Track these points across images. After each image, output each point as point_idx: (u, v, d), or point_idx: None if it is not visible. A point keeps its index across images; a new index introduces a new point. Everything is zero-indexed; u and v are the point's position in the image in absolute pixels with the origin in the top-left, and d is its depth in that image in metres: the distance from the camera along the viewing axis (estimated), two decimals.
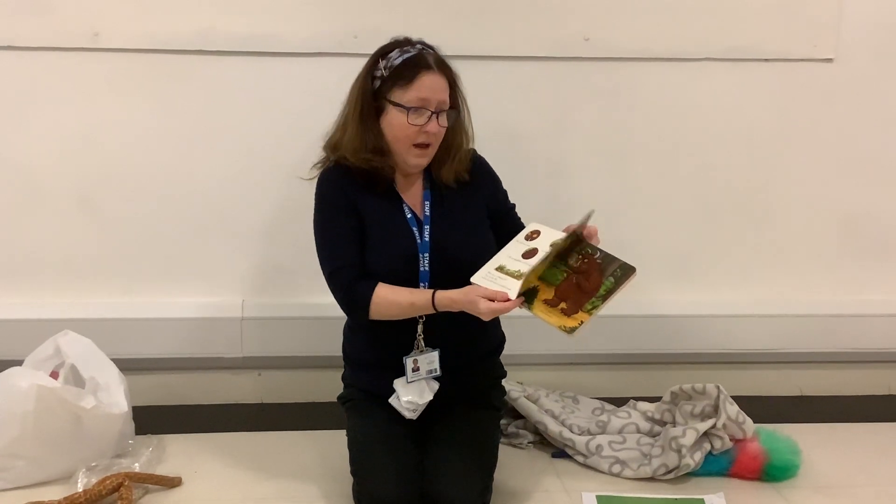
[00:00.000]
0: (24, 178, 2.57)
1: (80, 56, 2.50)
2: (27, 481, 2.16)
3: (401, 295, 2.00)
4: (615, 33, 2.63)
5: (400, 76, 1.97)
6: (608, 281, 1.88)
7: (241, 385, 2.73)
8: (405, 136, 2.00)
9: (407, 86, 1.97)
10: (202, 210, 2.63)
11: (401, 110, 1.97)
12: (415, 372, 2.07)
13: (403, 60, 1.98)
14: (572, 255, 1.93)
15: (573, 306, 1.89)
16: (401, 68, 1.98)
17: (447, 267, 2.04)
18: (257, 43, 2.53)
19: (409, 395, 2.07)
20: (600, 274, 1.89)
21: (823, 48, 2.69)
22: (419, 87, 1.97)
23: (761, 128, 2.74)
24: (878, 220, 2.84)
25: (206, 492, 2.19)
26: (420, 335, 2.07)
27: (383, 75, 1.99)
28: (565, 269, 1.93)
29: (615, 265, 1.89)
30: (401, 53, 1.99)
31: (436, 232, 2.07)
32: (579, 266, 1.92)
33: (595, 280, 1.89)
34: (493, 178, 2.19)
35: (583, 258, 1.92)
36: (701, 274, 2.82)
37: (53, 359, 2.29)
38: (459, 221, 2.10)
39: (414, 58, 1.99)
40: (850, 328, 2.82)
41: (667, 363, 2.80)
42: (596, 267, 1.91)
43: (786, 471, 2.28)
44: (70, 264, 2.63)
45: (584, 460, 2.35)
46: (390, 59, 1.99)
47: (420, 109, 1.97)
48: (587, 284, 1.89)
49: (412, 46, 2.01)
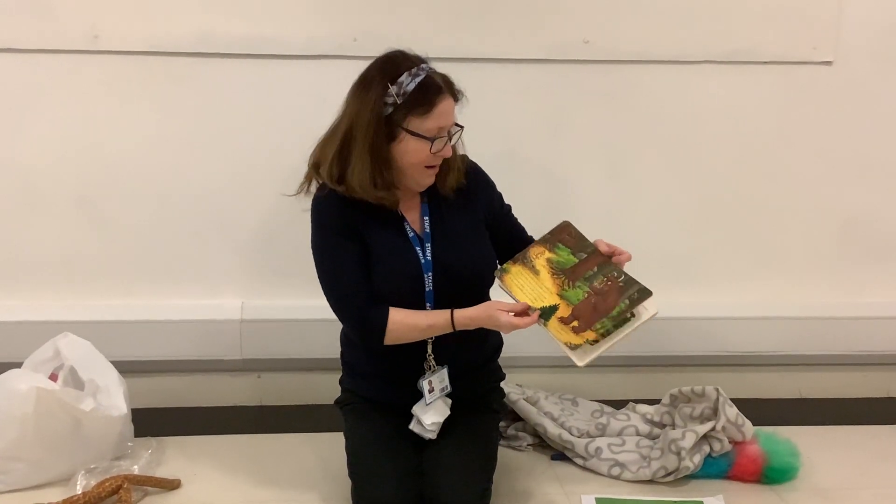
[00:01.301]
0: (24, 181, 2.57)
1: (80, 58, 2.50)
2: (26, 484, 2.16)
3: (417, 318, 1.98)
4: (614, 36, 2.63)
5: (417, 104, 1.90)
6: (623, 303, 1.88)
7: (240, 387, 2.73)
8: (420, 162, 1.96)
9: (426, 115, 1.90)
10: (202, 212, 2.63)
11: (422, 140, 1.92)
12: (431, 393, 2.05)
13: (418, 86, 1.90)
14: (598, 277, 1.93)
15: (583, 325, 1.88)
16: (417, 95, 1.90)
17: (450, 284, 2.03)
18: (257, 45, 2.53)
19: (431, 418, 2.05)
20: (618, 296, 1.89)
21: (823, 51, 2.69)
22: (438, 116, 1.92)
23: (760, 130, 2.74)
24: (878, 223, 2.84)
25: (206, 494, 2.19)
26: (430, 355, 2.06)
27: (396, 102, 1.90)
28: (587, 290, 1.92)
29: (634, 288, 1.90)
30: (411, 77, 1.90)
31: (437, 250, 2.05)
32: (601, 287, 1.92)
33: (612, 301, 1.89)
34: (487, 183, 2.17)
35: (607, 280, 1.92)
36: (700, 276, 2.82)
37: (53, 361, 2.29)
38: (460, 236, 2.08)
39: (427, 83, 1.91)
40: (850, 331, 2.82)
41: (666, 365, 2.80)
42: (616, 289, 1.91)
43: (785, 473, 2.28)
44: (69, 267, 2.63)
45: (583, 462, 2.35)
46: (402, 84, 1.90)
47: (441, 139, 1.94)
48: (603, 305, 1.89)
49: (418, 68, 1.92)
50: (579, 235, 2.00)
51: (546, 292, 1.94)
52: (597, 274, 1.93)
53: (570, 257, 1.97)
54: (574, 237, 2.00)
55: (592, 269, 1.94)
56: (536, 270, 1.98)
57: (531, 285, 1.96)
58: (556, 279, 1.95)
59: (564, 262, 1.97)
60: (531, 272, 1.98)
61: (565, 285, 1.94)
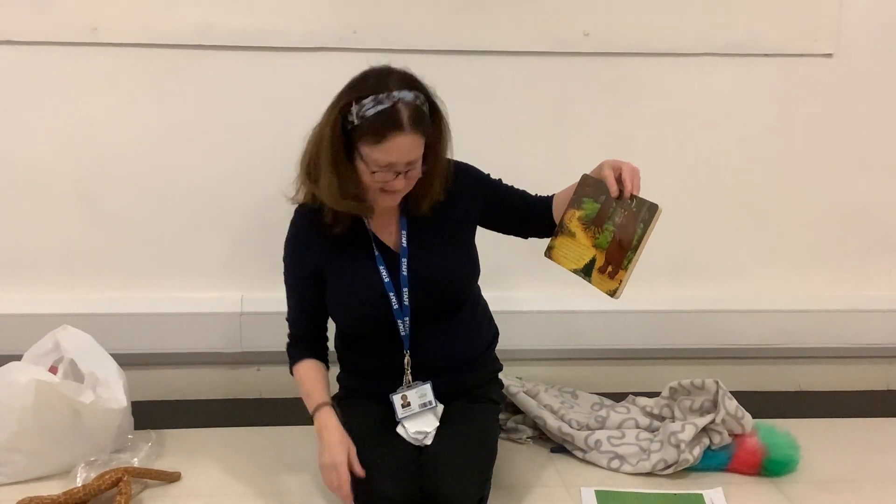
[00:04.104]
0: (23, 173, 2.57)
1: (79, 51, 2.49)
2: (26, 476, 2.16)
3: (305, 384, 2.08)
4: (615, 29, 2.62)
5: (370, 131, 1.83)
6: (639, 228, 1.85)
7: (240, 380, 2.73)
8: (372, 185, 1.92)
9: (375, 145, 1.83)
10: (201, 205, 2.63)
11: (366, 171, 1.89)
12: (405, 408, 2.05)
13: (377, 113, 1.82)
14: (618, 212, 1.90)
15: (616, 267, 1.88)
16: (373, 122, 1.82)
17: (427, 297, 2.04)
18: (256, 38, 2.52)
19: (415, 427, 2.04)
20: (634, 222, 1.86)
21: (823, 43, 2.68)
22: (388, 150, 1.83)
23: (761, 123, 2.74)
24: (878, 216, 2.84)
25: (205, 486, 2.19)
26: (408, 369, 2.06)
27: (354, 123, 1.85)
28: (613, 230, 1.90)
29: (644, 208, 1.86)
30: (374, 103, 1.82)
31: (413, 263, 2.04)
32: (622, 221, 1.89)
33: (631, 230, 1.86)
34: (474, 180, 2.11)
35: (624, 211, 1.89)
36: (699, 269, 2.82)
37: (52, 354, 2.29)
38: (438, 249, 2.05)
39: (387, 113, 1.82)
40: (850, 323, 2.82)
41: (666, 358, 2.80)
42: (632, 216, 1.87)
43: (785, 466, 2.29)
44: (69, 259, 2.63)
45: (582, 455, 2.35)
46: (364, 106, 1.83)
47: (385, 171, 1.87)
48: (625, 238, 1.87)
49: (388, 94, 1.83)
50: (595, 181, 1.96)
51: (584, 249, 1.94)
52: (616, 210, 1.90)
53: (594, 205, 1.94)
54: (592, 185, 1.96)
55: (612, 206, 1.91)
56: (572, 233, 1.97)
57: (573, 250, 1.97)
58: (587, 232, 1.94)
59: (591, 213, 1.94)
60: (569, 237, 1.98)
61: (596, 233, 1.93)
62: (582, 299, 2.52)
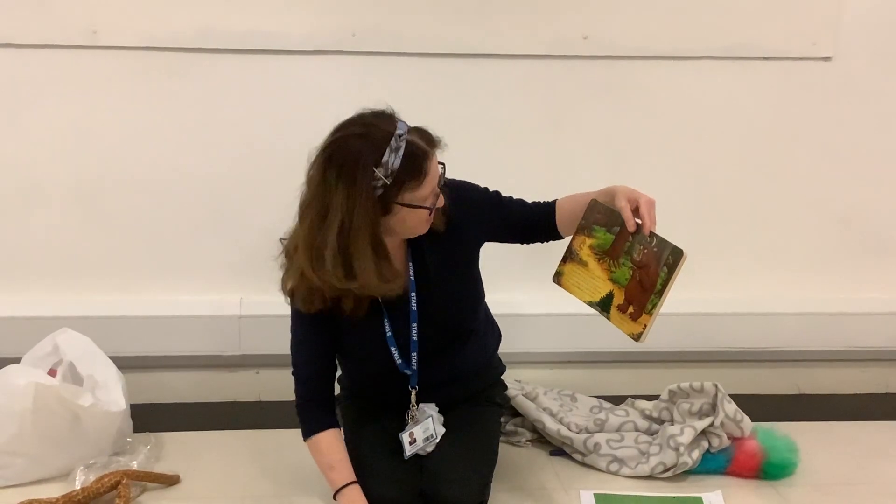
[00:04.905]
0: (22, 176, 2.57)
1: (79, 54, 2.50)
2: (25, 479, 2.16)
3: (327, 456, 1.98)
4: (614, 31, 2.62)
5: (409, 176, 1.77)
6: (662, 272, 1.82)
7: (239, 383, 2.73)
8: (420, 224, 1.87)
9: (419, 186, 1.78)
10: (200, 208, 2.63)
11: (421, 210, 1.82)
12: (411, 445, 2.04)
13: (403, 159, 1.75)
14: (635, 248, 1.86)
15: (638, 309, 1.84)
16: (405, 168, 1.76)
17: (436, 331, 2.02)
18: (255, 41, 2.52)
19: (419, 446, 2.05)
20: (657, 264, 1.83)
21: (822, 46, 2.68)
22: (430, 178, 1.80)
23: (759, 126, 2.74)
24: (877, 219, 2.84)
25: (204, 489, 2.19)
26: (413, 405, 2.06)
27: (387, 183, 1.75)
28: (631, 266, 1.87)
29: (667, 251, 1.82)
30: (393, 153, 1.75)
31: (422, 299, 2.00)
32: (641, 259, 1.85)
33: (653, 273, 1.83)
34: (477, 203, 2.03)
35: (643, 248, 1.85)
36: (698, 272, 2.79)
37: (51, 356, 2.29)
38: (446, 280, 2.01)
39: (409, 151, 1.76)
40: (848, 326, 2.82)
41: (665, 361, 2.80)
42: (653, 256, 1.83)
43: (783, 469, 2.29)
44: (68, 262, 2.63)
45: (582, 458, 2.35)
46: (387, 164, 1.74)
47: (433, 197, 1.84)
48: (647, 280, 1.83)
49: (395, 137, 1.76)
50: (607, 209, 1.92)
51: (599, 281, 1.91)
52: (633, 245, 1.87)
53: (607, 235, 1.91)
54: (604, 213, 1.93)
55: (628, 239, 1.87)
56: (584, 262, 1.95)
57: (585, 280, 1.94)
58: (602, 264, 1.92)
59: (604, 243, 1.91)
60: (581, 266, 1.95)
61: (612, 266, 1.90)
62: (580, 302, 2.51)
